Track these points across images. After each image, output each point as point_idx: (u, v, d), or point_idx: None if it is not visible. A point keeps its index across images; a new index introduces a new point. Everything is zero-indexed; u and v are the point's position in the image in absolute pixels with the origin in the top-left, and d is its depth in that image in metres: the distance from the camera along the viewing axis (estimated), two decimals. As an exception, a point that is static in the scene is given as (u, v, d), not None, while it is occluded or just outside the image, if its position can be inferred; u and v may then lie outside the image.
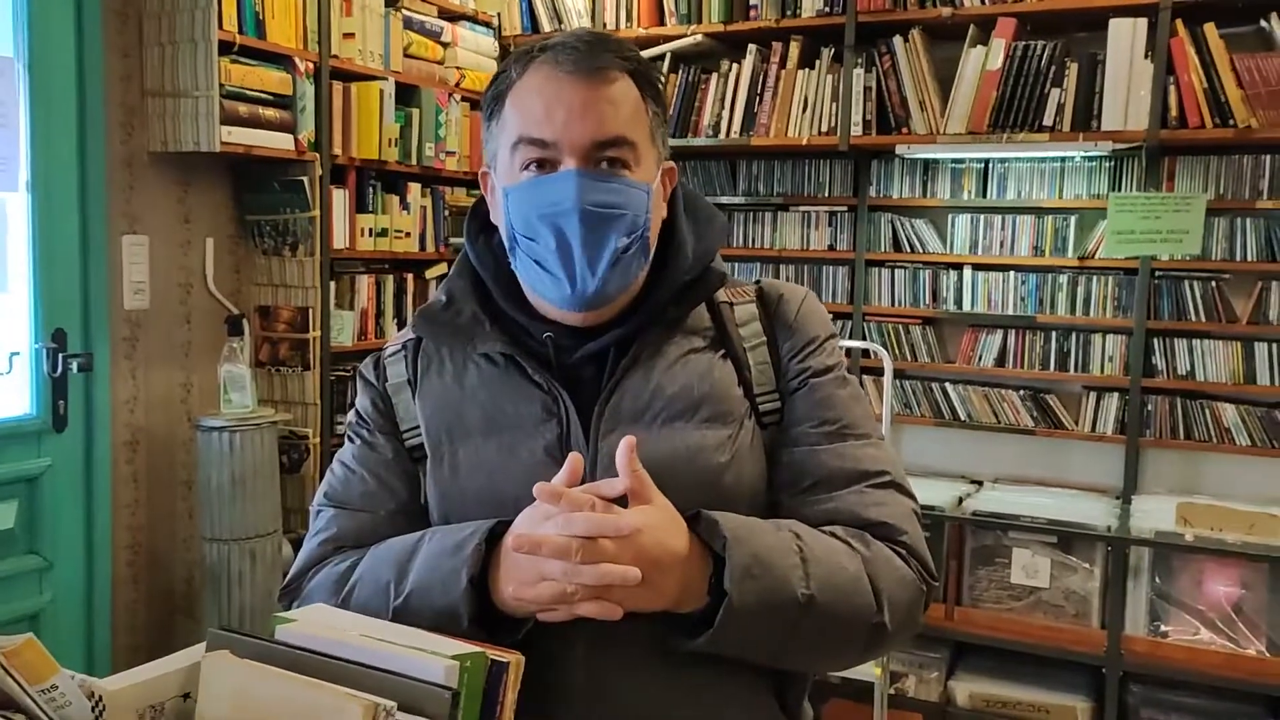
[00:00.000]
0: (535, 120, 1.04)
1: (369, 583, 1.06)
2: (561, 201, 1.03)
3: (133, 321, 2.80)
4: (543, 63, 1.05)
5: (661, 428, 1.06)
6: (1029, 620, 3.00)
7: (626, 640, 1.01)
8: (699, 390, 1.08)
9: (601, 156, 1.04)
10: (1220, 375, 3.11)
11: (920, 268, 3.47)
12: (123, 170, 2.75)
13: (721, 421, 1.08)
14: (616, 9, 3.59)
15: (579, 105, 1.03)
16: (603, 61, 1.04)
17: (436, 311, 1.16)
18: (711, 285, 1.13)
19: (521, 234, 1.06)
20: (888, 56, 3.24)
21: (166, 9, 2.72)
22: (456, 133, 3.54)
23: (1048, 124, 3.07)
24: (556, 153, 1.04)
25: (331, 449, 3.11)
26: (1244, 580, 2.83)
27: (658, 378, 1.08)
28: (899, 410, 3.49)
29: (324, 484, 1.20)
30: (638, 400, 1.07)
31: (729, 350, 1.12)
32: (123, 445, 2.80)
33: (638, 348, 1.09)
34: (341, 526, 1.14)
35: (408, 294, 3.45)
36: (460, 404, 1.12)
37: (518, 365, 1.10)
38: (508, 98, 1.07)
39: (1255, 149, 3.04)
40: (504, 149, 1.08)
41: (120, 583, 2.80)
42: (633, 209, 1.05)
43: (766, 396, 1.12)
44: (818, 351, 1.14)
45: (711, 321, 1.13)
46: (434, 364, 1.16)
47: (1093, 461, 3.33)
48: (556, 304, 1.07)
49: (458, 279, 1.16)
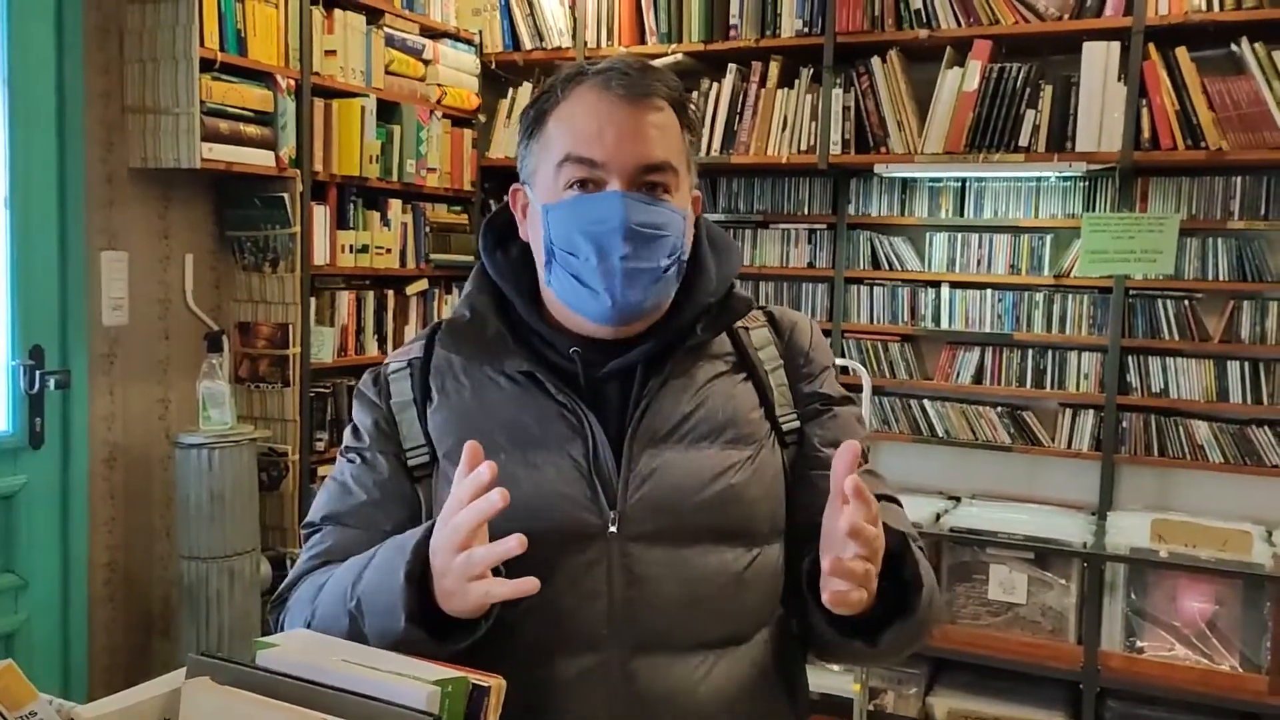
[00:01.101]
0: (585, 140, 1.06)
1: (333, 589, 1.07)
2: (608, 219, 1.05)
3: (111, 338, 2.79)
4: (591, 85, 1.08)
5: (688, 448, 1.10)
6: (1006, 636, 3.02)
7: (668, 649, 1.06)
8: (724, 413, 1.13)
9: (645, 180, 1.07)
10: (1193, 393, 3.16)
11: (899, 285, 3.50)
12: (103, 186, 2.74)
13: (745, 443, 1.12)
14: (598, 28, 3.62)
15: (629, 128, 1.06)
16: (652, 88, 1.08)
17: (462, 326, 1.15)
18: (740, 311, 1.18)
19: (561, 248, 1.08)
20: (866, 77, 3.27)
21: (148, 26, 2.71)
22: (438, 149, 3.55)
23: (1023, 144, 3.11)
24: (603, 173, 1.06)
25: (311, 466, 3.09)
26: (1218, 596, 2.87)
27: (686, 399, 1.12)
28: (878, 427, 3.52)
29: (318, 501, 1.19)
30: (666, 420, 1.11)
31: (751, 373, 1.17)
32: (100, 463, 2.78)
33: (669, 368, 1.12)
34: (334, 542, 1.14)
35: (388, 310, 3.45)
36: (481, 421, 1.11)
37: (537, 382, 1.11)
38: (551, 116, 1.10)
39: (1226, 170, 3.09)
40: (546, 165, 1.09)
41: (97, 602, 2.78)
42: (673, 232, 1.08)
43: (787, 417, 1.17)
44: (832, 379, 1.23)
45: (732, 345, 1.18)
46: (448, 382, 1.15)
47: (1069, 478, 3.36)
48: (591, 317, 1.09)
49: (479, 294, 1.17)
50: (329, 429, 3.19)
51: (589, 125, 1.06)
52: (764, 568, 1.12)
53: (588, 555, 1.06)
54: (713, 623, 1.08)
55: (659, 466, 1.08)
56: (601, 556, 1.06)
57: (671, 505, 1.07)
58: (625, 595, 1.05)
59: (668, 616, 1.06)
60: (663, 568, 1.06)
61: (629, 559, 1.06)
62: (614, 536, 1.06)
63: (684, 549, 1.07)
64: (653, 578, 1.06)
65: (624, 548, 1.06)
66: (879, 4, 3.23)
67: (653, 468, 1.08)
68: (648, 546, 1.06)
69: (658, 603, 1.05)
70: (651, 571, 1.06)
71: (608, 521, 1.06)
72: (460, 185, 3.71)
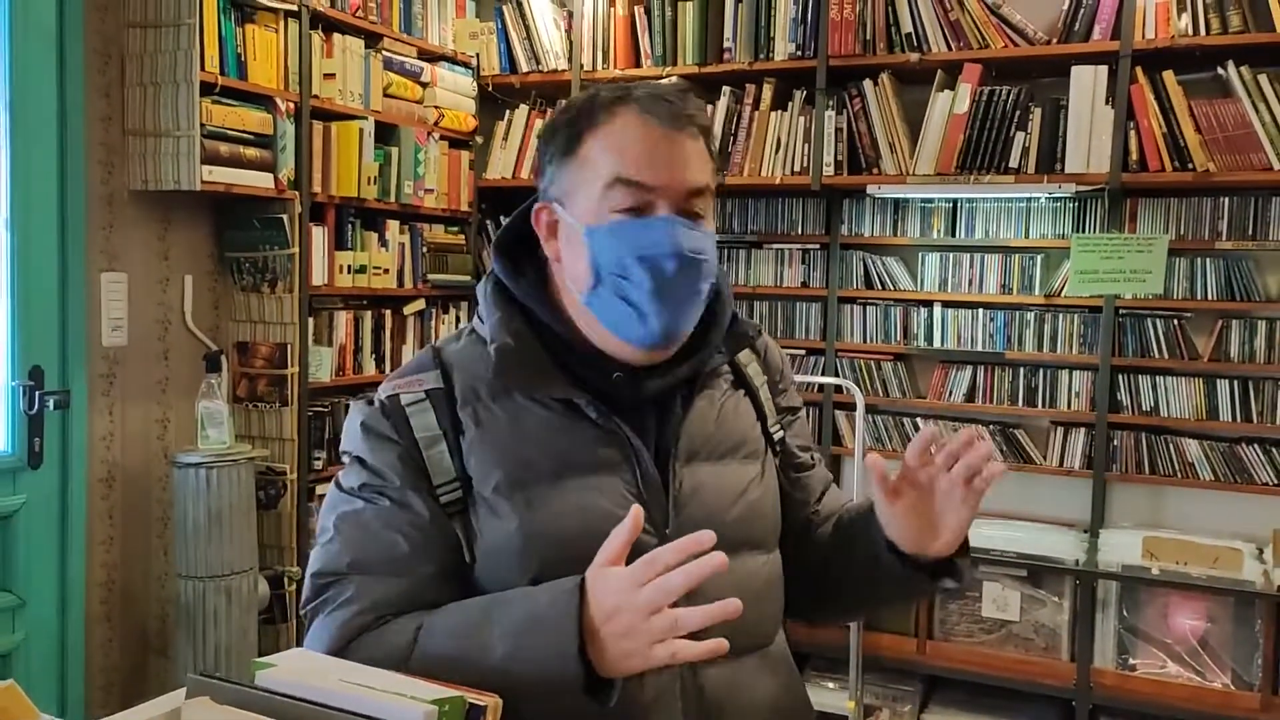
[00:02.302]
0: (637, 164, 1.08)
1: (437, 660, 1.00)
2: (662, 244, 1.07)
3: (110, 358, 2.81)
4: (636, 109, 1.10)
5: (716, 464, 1.17)
6: (1000, 653, 3.04)
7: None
8: (738, 430, 1.21)
9: (688, 206, 1.10)
10: (1183, 411, 3.18)
11: (891, 305, 3.53)
12: (103, 208, 2.77)
13: (754, 457, 1.21)
14: (594, 51, 3.66)
15: (679, 154, 1.10)
16: (693, 116, 1.11)
17: (511, 355, 1.12)
18: (749, 334, 1.25)
19: (612, 272, 1.09)
20: (858, 99, 3.31)
21: (149, 50, 2.75)
22: (435, 170, 3.59)
23: (1013, 166, 3.15)
24: (654, 197, 1.09)
25: (310, 485, 3.11)
26: (1209, 614, 2.89)
27: (712, 418, 1.19)
28: (871, 444, 3.53)
29: (334, 549, 1.11)
30: (698, 439, 1.17)
31: (748, 390, 1.25)
32: (98, 482, 2.79)
33: (698, 389, 1.18)
34: (379, 594, 1.08)
35: (386, 330, 3.47)
36: (524, 450, 1.10)
37: (574, 407, 1.12)
38: (590, 137, 1.10)
39: (1214, 192, 3.13)
40: (589, 186, 1.10)
41: (94, 621, 2.79)
42: (712, 256, 1.12)
43: (775, 427, 1.27)
44: (793, 388, 1.34)
45: (729, 365, 1.25)
46: (480, 411, 1.12)
47: (1061, 496, 3.38)
48: (635, 340, 1.11)
49: (513, 320, 1.15)
50: (327, 448, 3.21)
51: (638, 149, 1.08)
52: (775, 573, 1.21)
53: None
54: (755, 626, 1.14)
55: (699, 483, 1.15)
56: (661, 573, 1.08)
57: (714, 519, 1.10)
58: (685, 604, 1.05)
59: (725, 624, 1.05)
60: (714, 578, 1.06)
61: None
62: None
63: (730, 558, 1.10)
64: (705, 589, 1.04)
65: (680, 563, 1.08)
66: (870, 28, 3.27)
67: (695, 485, 1.14)
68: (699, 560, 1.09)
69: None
70: (706, 583, 1.05)
71: (664, 539, 1.07)
72: (457, 206, 3.75)
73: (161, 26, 2.73)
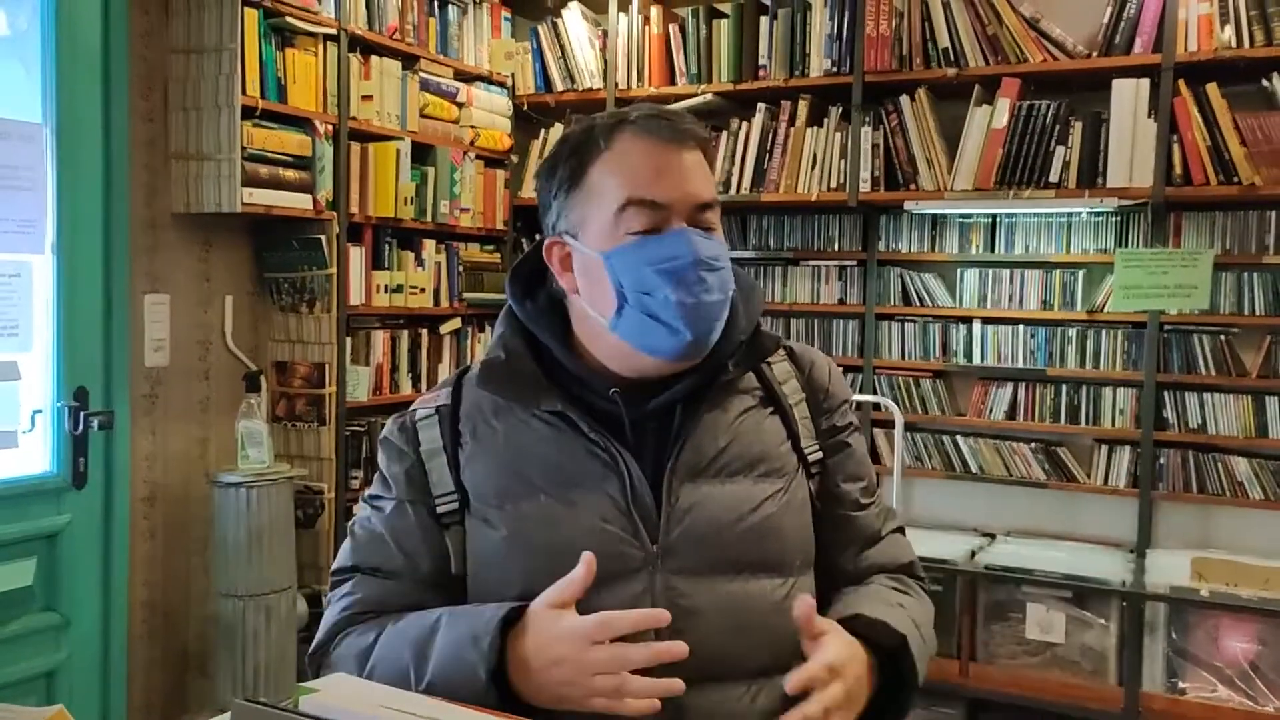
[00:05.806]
0: (645, 184, 1.09)
1: (389, 663, 1.08)
2: (682, 255, 1.08)
3: (153, 379, 2.84)
4: (635, 131, 1.11)
5: (724, 482, 1.13)
6: (1045, 677, 2.98)
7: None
8: (756, 447, 1.16)
9: (699, 220, 1.12)
10: (1232, 429, 3.12)
11: (930, 321, 3.50)
12: (146, 232, 2.81)
13: (776, 476, 1.16)
14: (628, 70, 3.67)
15: (685, 169, 1.11)
16: (689, 131, 1.12)
17: (499, 366, 1.17)
18: (768, 348, 1.21)
19: (635, 290, 1.09)
20: (895, 115, 3.29)
21: (191, 76, 2.79)
22: (471, 190, 3.61)
23: (1054, 180, 3.11)
24: (667, 213, 1.10)
25: (347, 504, 3.13)
26: (1261, 636, 2.81)
27: (721, 434, 1.15)
28: (910, 463, 3.50)
29: (346, 549, 1.20)
30: (704, 455, 1.14)
31: (778, 407, 1.20)
32: (140, 501, 2.82)
33: (704, 404, 1.15)
34: (367, 593, 1.16)
35: (422, 349, 3.49)
36: (517, 463, 1.13)
37: (570, 422, 1.13)
38: (594, 166, 1.12)
39: (1260, 205, 3.07)
40: (601, 213, 1.11)
41: (136, 640, 2.82)
42: (727, 265, 1.13)
43: (811, 449, 1.21)
44: (849, 413, 1.28)
45: (758, 380, 1.21)
46: (480, 426, 1.17)
47: (1105, 515, 3.32)
48: (665, 353, 1.11)
49: (513, 338, 1.19)
50: (364, 467, 3.23)
51: (645, 169, 1.10)
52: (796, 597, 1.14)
53: (633, 589, 1.08)
54: (757, 651, 1.10)
55: (698, 501, 1.11)
56: (647, 590, 1.08)
57: (713, 538, 1.10)
58: (673, 627, 1.04)
59: (715, 646, 1.06)
60: (707, 599, 1.08)
61: (674, 592, 1.08)
62: (658, 570, 1.08)
63: (727, 580, 1.10)
64: (698, 609, 1.07)
65: (668, 581, 1.08)
66: (907, 43, 3.25)
67: (693, 502, 1.11)
68: (691, 579, 1.09)
69: (705, 633, 1.06)
70: (697, 603, 1.08)
71: (651, 555, 1.08)
72: (493, 225, 3.77)
73: (204, 52, 2.77)
